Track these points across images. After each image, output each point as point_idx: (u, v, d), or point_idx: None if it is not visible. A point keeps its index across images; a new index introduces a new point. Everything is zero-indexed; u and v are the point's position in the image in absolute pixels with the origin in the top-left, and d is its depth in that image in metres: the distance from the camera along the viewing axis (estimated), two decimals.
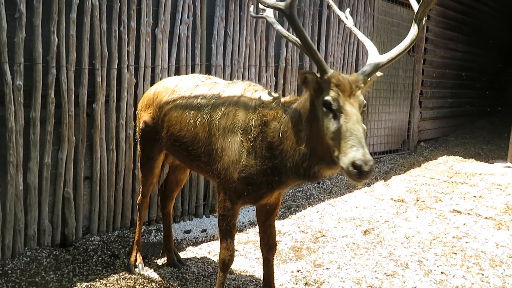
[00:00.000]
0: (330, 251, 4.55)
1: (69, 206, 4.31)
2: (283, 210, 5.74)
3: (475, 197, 6.58)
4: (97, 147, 4.47)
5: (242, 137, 2.98)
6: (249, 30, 5.77)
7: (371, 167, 2.28)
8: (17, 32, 3.79)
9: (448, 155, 9.50)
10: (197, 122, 3.25)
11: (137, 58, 4.72)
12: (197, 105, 3.32)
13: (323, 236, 4.96)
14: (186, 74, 5.00)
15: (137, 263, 3.98)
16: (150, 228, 4.92)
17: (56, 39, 4.04)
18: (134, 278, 3.86)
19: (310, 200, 6.21)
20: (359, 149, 2.31)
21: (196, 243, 4.69)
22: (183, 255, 4.35)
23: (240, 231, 5.02)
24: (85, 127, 4.34)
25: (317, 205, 6.04)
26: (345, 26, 7.38)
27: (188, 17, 5.10)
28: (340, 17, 3.28)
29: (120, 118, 4.63)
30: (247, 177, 2.96)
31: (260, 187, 2.99)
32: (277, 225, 4.97)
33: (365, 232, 5.10)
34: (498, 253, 4.63)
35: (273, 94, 3.13)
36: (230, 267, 3.23)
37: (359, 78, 2.57)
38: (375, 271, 4.16)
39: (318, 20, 6.91)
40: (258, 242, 3.54)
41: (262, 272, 3.57)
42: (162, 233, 4.35)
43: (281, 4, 2.38)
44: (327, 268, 4.18)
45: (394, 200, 6.34)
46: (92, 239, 4.48)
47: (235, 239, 3.27)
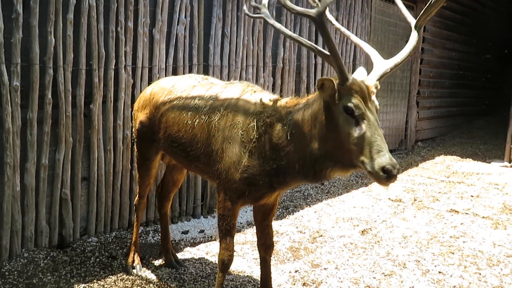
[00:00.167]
0: (328, 251, 4.55)
1: (67, 207, 4.30)
2: (280, 210, 5.74)
3: (472, 196, 6.59)
4: (95, 147, 4.47)
5: (243, 138, 2.98)
6: (247, 30, 5.77)
7: (398, 170, 2.42)
8: (14, 32, 3.78)
9: (446, 155, 9.52)
10: (196, 123, 3.25)
11: (135, 59, 4.71)
12: (195, 105, 3.31)
13: (321, 236, 4.96)
14: (184, 74, 4.99)
15: (134, 264, 3.98)
16: (148, 229, 4.91)
17: (53, 39, 4.03)
18: (132, 279, 3.85)
19: (308, 200, 6.21)
20: (385, 154, 2.42)
21: (194, 244, 4.69)
22: (181, 256, 4.35)
23: (238, 231, 5.01)
24: (82, 128, 4.33)
25: (315, 205, 6.04)
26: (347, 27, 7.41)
27: (185, 17, 5.09)
28: (345, 33, 3.28)
29: (117, 119, 4.62)
30: (249, 177, 2.97)
31: (261, 187, 3.00)
32: (275, 225, 4.97)
33: (362, 232, 5.11)
34: (495, 252, 4.64)
35: (272, 95, 3.15)
36: (229, 267, 3.23)
37: (373, 83, 2.64)
38: (373, 271, 4.16)
39: None
40: (255, 243, 3.53)
41: (260, 273, 3.58)
42: (160, 234, 4.34)
43: (311, 12, 2.44)
44: (325, 268, 4.19)
45: (392, 200, 6.35)
46: (90, 240, 4.47)
47: None
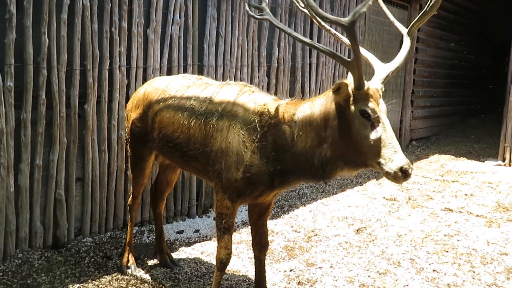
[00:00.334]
0: (322, 250, 4.57)
1: (61, 208, 4.29)
2: (276, 209, 5.75)
3: (466, 195, 6.63)
4: (89, 148, 4.46)
5: (244, 138, 3.00)
6: (241, 30, 5.77)
7: (412, 168, 2.57)
8: (7, 33, 3.77)
9: (440, 154, 9.57)
10: (192, 124, 3.25)
11: (129, 59, 4.71)
12: (191, 106, 3.31)
13: (316, 235, 4.98)
14: (178, 74, 4.99)
15: (129, 264, 3.98)
16: (142, 229, 4.91)
17: (47, 40, 4.02)
18: (127, 279, 3.85)
19: (303, 200, 6.23)
20: (401, 154, 2.57)
21: (189, 244, 4.69)
22: (175, 255, 4.35)
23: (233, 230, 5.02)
24: (76, 128, 4.32)
25: (310, 204, 6.06)
26: (336, 28, 7.42)
27: (180, 18, 5.09)
28: (338, 37, 3.31)
29: (112, 119, 4.61)
30: (251, 177, 2.99)
31: (262, 186, 3.03)
32: (270, 224, 4.98)
33: (357, 231, 5.12)
34: (489, 250, 4.68)
35: (270, 96, 3.19)
36: (227, 266, 3.24)
37: (381, 87, 2.75)
38: (368, 270, 4.18)
39: (310, 20, 6.92)
40: (250, 242, 3.54)
41: (254, 272, 3.58)
42: (155, 234, 4.34)
43: (343, 21, 2.52)
44: (319, 267, 4.20)
45: (386, 199, 6.38)
46: (84, 240, 4.47)
47: None
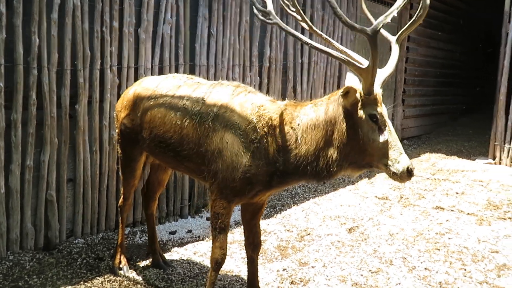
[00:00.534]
0: (315, 250, 4.58)
1: (52, 209, 4.26)
2: (268, 209, 5.75)
3: (457, 193, 6.67)
4: (80, 148, 4.43)
5: (242, 138, 3.01)
6: (233, 30, 5.76)
7: (414, 168, 2.77)
8: None
9: (431, 153, 9.62)
10: (186, 124, 3.24)
11: (120, 59, 4.68)
12: (184, 106, 3.30)
13: (308, 234, 4.99)
14: (169, 74, 4.97)
15: (121, 265, 3.95)
16: (135, 230, 4.89)
17: (37, 39, 3.99)
18: (119, 280, 3.83)
19: (295, 199, 6.23)
20: (406, 156, 2.77)
21: (181, 244, 4.68)
22: (168, 256, 4.34)
23: None
24: (67, 129, 4.30)
25: (302, 203, 6.07)
26: (328, 28, 7.45)
27: (171, 17, 5.07)
28: (331, 42, 3.33)
29: (103, 119, 4.59)
30: (250, 177, 3.01)
31: (260, 186, 3.06)
32: (262, 224, 4.97)
33: (349, 230, 5.14)
34: (480, 248, 4.71)
35: (266, 96, 3.23)
36: (222, 266, 3.25)
37: (381, 91, 2.89)
38: (360, 269, 4.20)
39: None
40: (243, 242, 3.54)
41: (247, 272, 3.58)
42: (147, 235, 4.32)
43: (368, 30, 2.68)
44: (312, 267, 4.21)
45: (378, 198, 6.40)
46: (76, 241, 4.44)
47: None
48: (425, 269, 4.23)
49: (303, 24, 3.06)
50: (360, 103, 2.79)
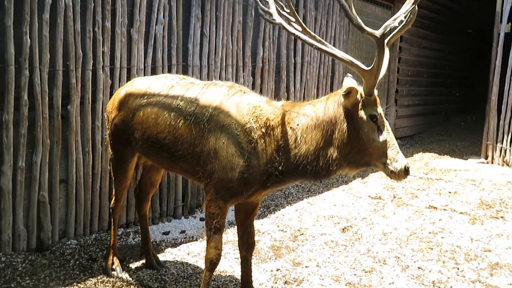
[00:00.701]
0: (309, 249, 4.58)
1: (45, 210, 4.24)
2: (262, 209, 5.75)
3: (450, 193, 6.71)
4: (73, 149, 4.41)
5: (240, 139, 3.02)
6: (226, 30, 5.76)
7: (409, 166, 2.86)
8: None
9: (424, 152, 9.67)
10: (180, 124, 3.23)
11: (113, 59, 4.66)
12: (178, 106, 3.29)
13: (302, 234, 4.99)
14: (161, 74, 4.96)
15: (114, 266, 3.93)
16: (128, 231, 4.87)
17: (29, 40, 3.96)
18: (112, 281, 3.82)
19: (289, 199, 6.24)
20: (402, 155, 2.85)
21: (175, 245, 4.67)
22: (162, 256, 4.32)
23: None
24: (60, 130, 4.27)
25: (296, 203, 6.07)
26: (321, 28, 7.46)
27: (163, 17, 5.06)
28: (325, 45, 3.34)
29: (95, 120, 4.57)
30: (247, 177, 3.01)
31: (257, 186, 3.07)
32: (256, 224, 4.97)
33: (343, 229, 5.15)
34: (472, 247, 4.74)
35: (262, 97, 3.24)
36: (217, 266, 3.25)
37: (377, 92, 2.95)
38: (354, 268, 4.21)
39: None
40: (237, 242, 3.54)
41: (240, 272, 3.58)
42: (140, 235, 4.31)
43: (377, 33, 2.74)
44: (306, 266, 4.22)
45: (372, 197, 6.42)
46: (69, 242, 4.42)
47: None
48: (419, 268, 4.25)
49: (297, 25, 3.06)
50: (360, 104, 2.87)
